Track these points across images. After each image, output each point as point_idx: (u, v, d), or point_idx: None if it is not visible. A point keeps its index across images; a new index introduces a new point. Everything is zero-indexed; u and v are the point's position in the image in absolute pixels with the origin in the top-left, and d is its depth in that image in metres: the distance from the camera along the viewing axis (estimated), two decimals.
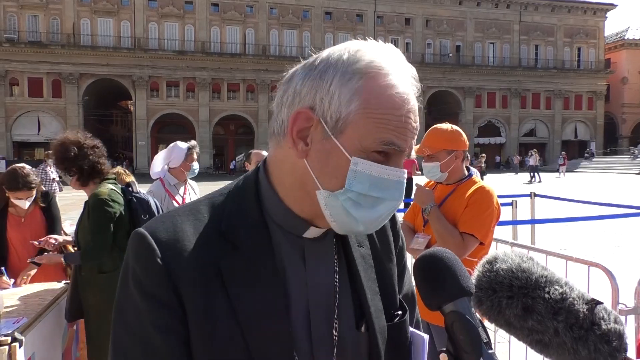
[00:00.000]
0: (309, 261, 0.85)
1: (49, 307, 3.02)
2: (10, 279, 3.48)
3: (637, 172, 33.40)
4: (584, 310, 0.73)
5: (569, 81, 53.14)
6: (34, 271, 3.63)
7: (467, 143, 2.77)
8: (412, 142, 0.80)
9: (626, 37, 57.31)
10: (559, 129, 53.53)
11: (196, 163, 4.51)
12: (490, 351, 0.72)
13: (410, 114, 0.78)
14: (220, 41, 44.28)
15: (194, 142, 4.58)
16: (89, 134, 3.22)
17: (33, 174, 3.67)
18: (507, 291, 0.76)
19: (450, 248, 2.62)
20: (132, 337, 0.77)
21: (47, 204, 3.84)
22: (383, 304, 0.91)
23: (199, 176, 5.06)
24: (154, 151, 41.94)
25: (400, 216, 2.95)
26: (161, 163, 4.42)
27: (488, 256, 0.82)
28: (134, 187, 3.34)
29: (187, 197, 4.43)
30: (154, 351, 0.75)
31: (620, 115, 56.59)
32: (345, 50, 0.79)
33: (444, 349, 0.76)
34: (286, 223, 0.85)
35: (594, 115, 54.49)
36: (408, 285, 1.03)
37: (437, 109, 48.55)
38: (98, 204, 2.99)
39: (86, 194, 3.19)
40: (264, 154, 4.96)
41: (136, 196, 3.23)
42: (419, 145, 2.70)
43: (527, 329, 0.75)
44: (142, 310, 0.76)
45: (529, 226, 8.00)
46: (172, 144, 4.53)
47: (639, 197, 15.86)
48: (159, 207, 3.37)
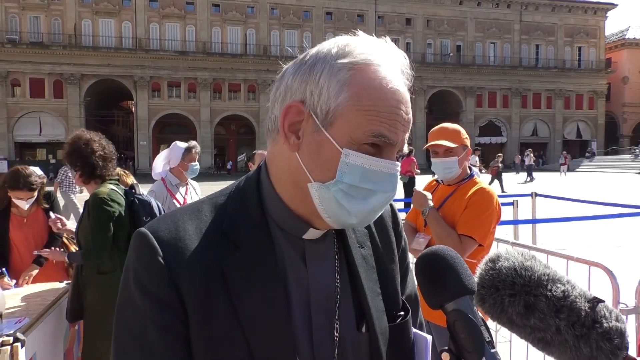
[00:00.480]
0: (309, 262, 0.85)
1: (50, 307, 3.02)
2: (12, 279, 3.49)
3: (637, 171, 33.33)
4: (586, 308, 0.73)
5: (570, 81, 53.07)
6: (35, 271, 3.64)
7: None
8: (404, 135, 0.80)
9: (627, 37, 57.23)
10: (560, 128, 53.48)
11: (196, 163, 4.51)
12: (493, 350, 0.72)
13: (401, 105, 0.78)
14: (221, 41, 44.30)
15: (193, 142, 4.57)
16: (104, 137, 3.24)
17: (35, 175, 3.68)
18: (510, 289, 0.75)
19: None
20: (132, 336, 0.76)
21: (49, 205, 3.85)
22: (385, 305, 0.91)
23: (201, 176, 5.07)
24: (155, 151, 41.97)
25: (402, 216, 2.94)
26: (162, 163, 4.43)
27: (490, 254, 0.81)
28: (137, 188, 3.35)
29: (188, 197, 4.44)
30: (154, 351, 0.75)
31: (621, 115, 56.51)
32: (334, 44, 0.80)
33: (445, 347, 0.75)
34: (286, 224, 0.85)
35: (594, 115, 54.41)
36: (411, 286, 1.03)
37: (438, 108, 48.55)
38: (97, 202, 3.00)
39: (88, 193, 3.20)
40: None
41: (138, 198, 3.23)
42: (436, 141, 2.67)
43: (529, 326, 0.75)
44: (142, 310, 0.76)
45: (530, 226, 7.99)
46: (172, 144, 4.55)
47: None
48: (160, 209, 3.36)
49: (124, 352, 0.77)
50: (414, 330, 0.94)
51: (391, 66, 0.79)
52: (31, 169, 3.77)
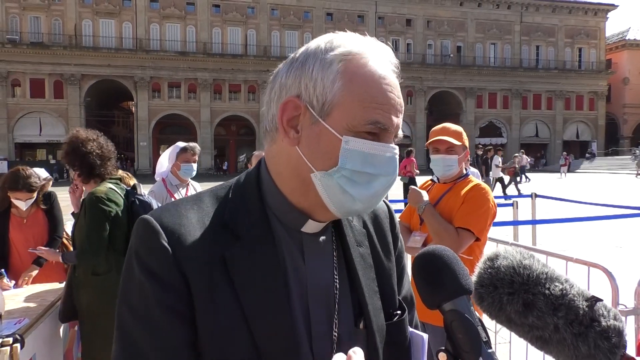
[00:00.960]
0: (307, 256, 0.86)
1: (50, 308, 3.02)
2: (11, 280, 3.49)
3: (635, 172, 33.30)
4: (584, 306, 0.73)
5: (570, 82, 53.06)
6: (35, 272, 3.64)
7: None
8: (398, 120, 0.83)
9: (627, 38, 57.23)
10: (560, 129, 53.46)
11: (190, 164, 4.38)
12: (490, 350, 0.72)
13: (392, 89, 0.81)
14: (221, 42, 44.31)
15: (193, 144, 4.50)
16: (102, 134, 3.21)
17: (35, 176, 3.68)
18: (508, 287, 0.76)
19: (446, 243, 2.62)
20: (137, 317, 0.76)
21: (49, 206, 3.85)
22: (382, 303, 0.92)
23: (201, 177, 5.05)
24: (155, 152, 41.99)
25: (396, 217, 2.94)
26: (166, 162, 4.42)
27: (489, 253, 0.82)
28: (138, 188, 3.30)
29: None
30: (160, 331, 0.75)
31: (622, 116, 56.50)
32: (321, 40, 0.84)
33: (442, 347, 0.75)
34: (285, 216, 0.86)
35: (595, 116, 54.40)
36: (407, 287, 1.04)
37: (439, 109, 48.54)
38: (93, 201, 2.95)
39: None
40: None
41: (139, 199, 3.17)
42: (437, 138, 2.70)
43: (528, 325, 0.75)
44: (146, 291, 0.76)
45: (530, 227, 7.99)
46: (175, 144, 4.53)
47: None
48: None
49: (130, 334, 0.77)
50: (410, 329, 0.95)
51: (377, 55, 0.82)
52: (35, 170, 3.78)
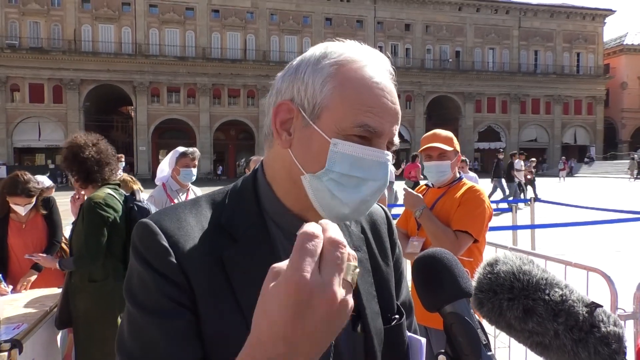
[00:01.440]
0: None
1: (48, 314, 3.02)
2: (9, 285, 3.49)
3: (628, 176, 33.38)
4: (584, 312, 0.73)
5: (569, 86, 53.18)
6: (34, 277, 3.63)
7: None
8: (391, 126, 0.82)
9: (625, 43, 57.39)
10: (559, 133, 53.55)
11: (190, 169, 4.36)
12: (490, 353, 0.72)
13: (386, 94, 0.81)
14: (220, 47, 44.39)
15: (192, 149, 4.49)
16: (102, 138, 3.21)
17: (34, 181, 3.68)
18: (508, 293, 0.76)
19: (445, 246, 2.62)
20: (147, 312, 0.77)
21: (48, 211, 3.85)
22: (380, 307, 0.92)
23: (200, 182, 5.05)
24: (154, 157, 42.01)
25: None
26: (166, 168, 4.42)
27: (489, 259, 0.82)
28: (137, 194, 3.28)
29: None
30: (167, 317, 0.76)
31: (620, 120, 56.61)
32: (317, 47, 0.86)
33: (442, 350, 0.75)
34: (281, 220, 0.87)
35: (593, 120, 54.51)
36: (405, 293, 1.05)
37: (437, 114, 48.59)
38: (91, 207, 2.94)
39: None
40: None
41: (137, 205, 3.15)
42: (429, 145, 2.74)
43: (528, 331, 0.75)
44: (154, 287, 0.77)
45: (528, 231, 7.99)
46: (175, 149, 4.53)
47: (638, 202, 15.84)
48: None
49: (141, 331, 0.77)
50: (408, 333, 0.96)
51: (372, 62, 0.83)
52: (38, 178, 3.78)
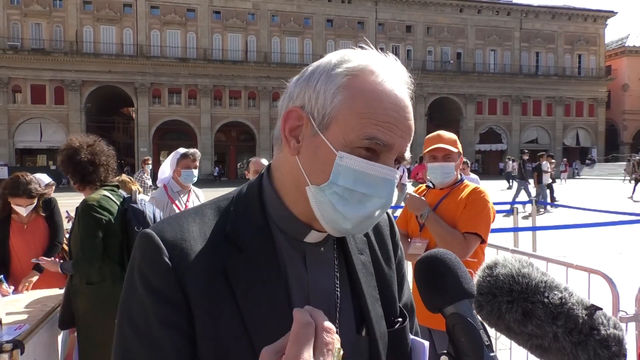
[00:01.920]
0: (310, 266, 0.87)
1: (50, 314, 3.02)
2: (10, 286, 3.49)
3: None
4: (583, 315, 0.73)
5: (570, 88, 53.12)
6: (35, 278, 3.64)
7: None
8: (402, 140, 0.80)
9: (626, 44, 57.36)
10: (560, 135, 53.47)
11: (191, 170, 4.35)
12: (492, 354, 0.72)
13: (398, 109, 0.79)
14: (222, 48, 44.41)
15: (192, 150, 4.48)
16: (100, 139, 3.21)
17: (35, 182, 3.69)
18: (507, 296, 0.76)
19: (454, 249, 2.61)
20: (137, 333, 0.76)
21: (49, 212, 3.86)
22: (383, 310, 0.92)
23: (201, 183, 5.05)
24: (156, 158, 41.98)
25: None
26: (167, 169, 4.42)
27: (488, 261, 0.82)
28: (133, 196, 3.26)
29: (190, 205, 4.37)
30: (160, 347, 0.75)
31: (622, 122, 56.55)
32: (334, 55, 0.84)
33: (444, 351, 0.75)
34: (287, 227, 0.86)
35: (595, 122, 54.43)
36: (407, 295, 1.05)
37: (439, 115, 48.60)
38: (85, 209, 2.95)
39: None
40: (263, 162, 4.94)
41: (132, 206, 3.14)
42: (436, 146, 2.72)
43: (527, 333, 0.75)
44: (148, 306, 0.76)
45: (530, 233, 7.99)
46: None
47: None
48: (155, 218, 3.26)
49: (129, 349, 0.77)
50: (411, 336, 0.95)
51: (389, 73, 0.80)
52: (38, 176, 3.79)
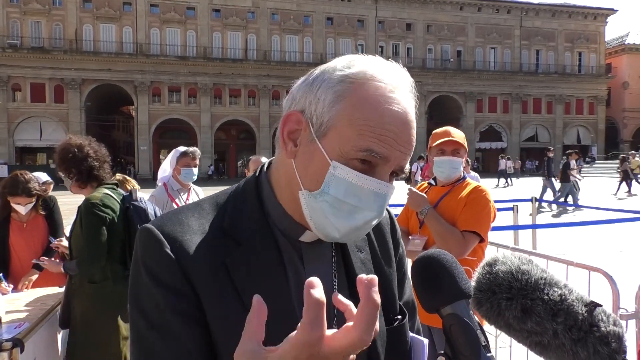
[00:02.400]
0: (307, 264, 0.87)
1: (50, 313, 3.02)
2: (10, 284, 3.49)
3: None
4: (583, 312, 0.73)
5: (570, 86, 53.09)
6: (35, 276, 3.64)
7: None
8: (400, 154, 0.78)
9: (627, 42, 57.31)
10: (560, 133, 53.45)
11: (191, 169, 4.34)
12: (489, 354, 0.72)
13: (399, 123, 0.76)
14: (221, 47, 44.37)
15: (192, 148, 4.46)
16: (94, 139, 3.19)
17: (35, 181, 3.68)
18: (507, 293, 0.76)
19: (452, 247, 2.59)
20: (151, 324, 0.77)
21: (48, 211, 3.86)
22: (382, 308, 0.91)
23: (201, 181, 5.04)
24: (155, 156, 42.04)
25: None
26: (168, 168, 4.41)
27: (488, 258, 0.82)
28: (133, 194, 3.24)
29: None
30: (175, 335, 0.76)
31: (622, 120, 56.53)
32: (340, 59, 0.82)
33: (441, 352, 0.75)
34: (283, 225, 0.87)
35: (595, 120, 54.41)
36: (409, 292, 1.04)
37: (439, 113, 48.55)
38: (88, 207, 2.92)
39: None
40: (262, 160, 4.94)
41: (134, 204, 3.12)
42: (447, 139, 2.70)
43: (527, 330, 0.75)
44: (157, 297, 0.77)
45: (530, 231, 7.98)
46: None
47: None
48: (156, 215, 3.21)
49: (145, 341, 0.77)
50: (410, 334, 0.95)
51: (395, 84, 0.78)
52: (36, 174, 3.78)
